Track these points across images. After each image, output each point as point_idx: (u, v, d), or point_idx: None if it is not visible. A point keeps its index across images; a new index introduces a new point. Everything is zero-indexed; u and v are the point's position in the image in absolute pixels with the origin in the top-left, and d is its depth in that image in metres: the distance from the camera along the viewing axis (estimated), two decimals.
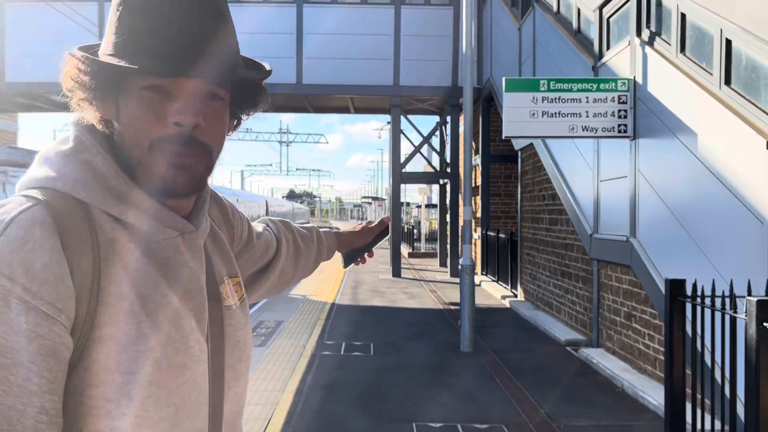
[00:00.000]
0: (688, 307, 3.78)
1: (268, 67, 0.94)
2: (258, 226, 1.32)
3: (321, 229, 1.51)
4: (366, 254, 1.53)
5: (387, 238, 1.56)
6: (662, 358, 5.44)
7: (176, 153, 0.82)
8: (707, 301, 3.64)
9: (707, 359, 3.99)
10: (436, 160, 18.60)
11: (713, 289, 3.60)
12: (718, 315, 3.52)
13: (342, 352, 7.17)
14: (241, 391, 0.99)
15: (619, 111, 6.46)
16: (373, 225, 1.55)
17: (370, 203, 48.50)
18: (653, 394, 5.36)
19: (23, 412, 0.71)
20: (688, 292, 3.77)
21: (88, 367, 0.76)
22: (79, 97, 0.85)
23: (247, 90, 0.92)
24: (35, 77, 14.23)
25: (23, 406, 0.71)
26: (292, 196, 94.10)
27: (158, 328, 0.81)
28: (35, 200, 0.78)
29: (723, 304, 3.48)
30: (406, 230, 27.04)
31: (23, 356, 0.71)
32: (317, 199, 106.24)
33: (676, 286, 3.83)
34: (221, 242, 1.03)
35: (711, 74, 4.94)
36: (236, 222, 1.15)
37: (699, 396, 3.68)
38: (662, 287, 5.02)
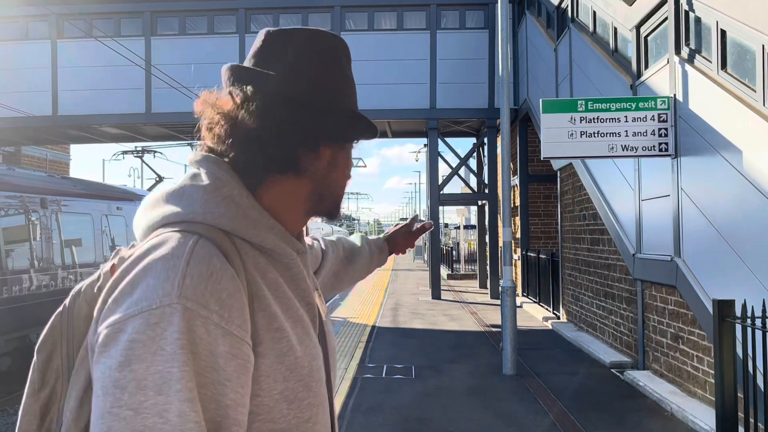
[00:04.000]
0: (738, 328, 3.70)
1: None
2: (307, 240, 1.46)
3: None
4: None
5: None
6: (712, 380, 5.29)
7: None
8: (758, 322, 3.56)
9: (760, 382, 3.88)
10: (473, 181, 18.57)
11: (764, 309, 3.52)
12: None
13: (383, 375, 7.19)
14: (333, 395, 1.09)
15: (660, 129, 6.39)
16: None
17: None
18: (704, 419, 5.21)
19: (219, 423, 0.80)
20: (738, 312, 3.70)
21: (255, 379, 0.86)
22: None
23: None
24: (86, 110, 14.90)
25: (220, 419, 0.80)
26: None
27: (300, 340, 0.92)
28: (193, 234, 0.86)
29: None
30: (445, 251, 26.95)
31: (221, 375, 0.80)
32: (356, 221, 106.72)
33: (724, 306, 3.76)
34: (308, 259, 1.17)
35: (754, 90, 4.87)
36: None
37: (752, 420, 3.58)
38: (710, 308, 4.91)
